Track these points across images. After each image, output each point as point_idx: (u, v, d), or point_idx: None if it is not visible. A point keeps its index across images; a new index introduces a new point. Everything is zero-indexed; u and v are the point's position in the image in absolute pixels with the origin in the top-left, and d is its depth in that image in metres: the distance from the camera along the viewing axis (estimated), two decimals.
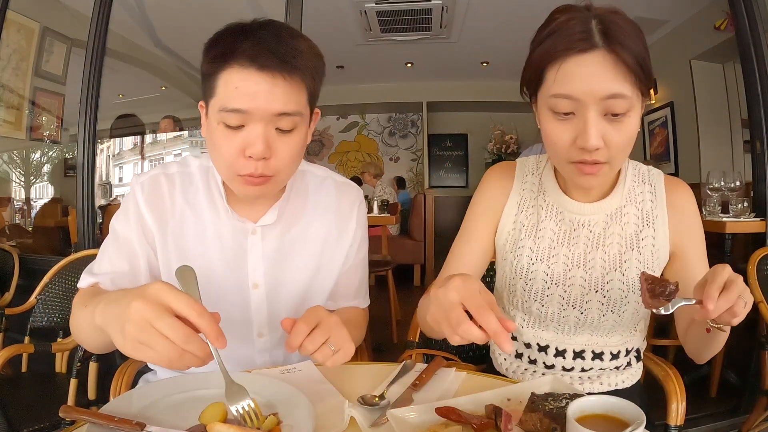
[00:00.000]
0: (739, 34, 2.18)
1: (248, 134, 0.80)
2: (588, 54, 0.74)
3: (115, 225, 0.93)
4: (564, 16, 0.78)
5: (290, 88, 0.80)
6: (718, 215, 2.30)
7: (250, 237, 0.94)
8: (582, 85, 0.75)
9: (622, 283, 0.89)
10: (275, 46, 0.79)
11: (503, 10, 4.29)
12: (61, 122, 3.34)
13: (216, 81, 0.80)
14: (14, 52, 2.98)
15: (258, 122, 0.80)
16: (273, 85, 0.78)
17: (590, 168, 0.80)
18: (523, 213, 0.97)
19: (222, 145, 0.82)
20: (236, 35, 0.80)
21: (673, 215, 0.91)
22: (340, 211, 1.02)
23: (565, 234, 0.93)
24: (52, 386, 1.57)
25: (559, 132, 0.80)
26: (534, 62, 0.81)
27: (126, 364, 1.01)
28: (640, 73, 0.75)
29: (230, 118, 0.79)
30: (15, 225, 3.34)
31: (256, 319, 0.96)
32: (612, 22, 0.75)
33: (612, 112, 0.75)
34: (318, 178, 1.03)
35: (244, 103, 0.78)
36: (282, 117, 0.81)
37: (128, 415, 0.64)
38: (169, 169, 0.95)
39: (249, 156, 0.81)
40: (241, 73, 0.78)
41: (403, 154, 7.82)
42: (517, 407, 0.68)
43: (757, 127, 2.14)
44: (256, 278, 0.95)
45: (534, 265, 0.93)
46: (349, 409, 0.67)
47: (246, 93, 0.78)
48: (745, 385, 2.15)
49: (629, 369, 0.97)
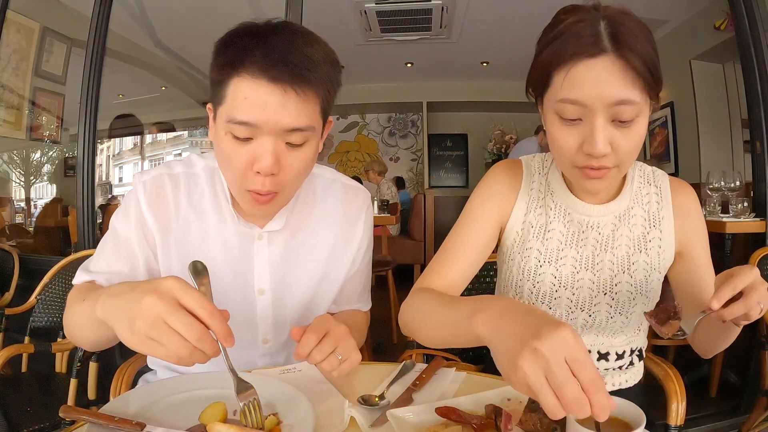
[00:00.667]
0: (739, 34, 2.18)
1: (257, 148, 0.77)
2: (597, 59, 0.72)
3: (115, 223, 0.90)
4: (572, 17, 0.75)
5: (302, 102, 0.76)
6: (718, 215, 2.30)
7: (257, 242, 0.92)
8: (590, 91, 0.73)
9: (631, 285, 0.89)
10: (288, 55, 0.74)
11: (503, 10, 4.29)
12: (61, 122, 3.34)
13: (225, 89, 0.76)
14: (14, 52, 2.98)
15: (267, 136, 0.76)
16: (284, 98, 0.74)
17: (596, 173, 0.78)
18: (531, 213, 0.94)
19: (230, 156, 0.79)
20: (247, 40, 0.75)
21: (678, 216, 0.91)
22: (347, 216, 1.00)
23: (574, 236, 0.92)
24: (52, 386, 1.57)
25: (565, 137, 0.78)
26: (541, 65, 0.79)
27: (126, 364, 1.01)
28: (650, 78, 0.72)
29: (238, 130, 0.76)
30: (15, 225, 3.34)
31: (262, 325, 0.95)
32: (621, 25, 0.72)
33: (620, 119, 0.74)
34: (326, 181, 1.01)
35: (252, 116, 0.74)
36: (293, 132, 0.77)
37: (128, 415, 0.64)
38: (174, 169, 0.92)
39: (257, 171, 0.77)
40: (251, 83, 0.74)
41: (403, 154, 7.82)
42: (517, 407, 0.68)
43: (757, 127, 2.14)
44: (262, 284, 0.93)
45: (542, 267, 0.92)
46: (349, 409, 0.67)
47: (255, 105, 0.74)
48: (745, 385, 2.15)
49: (632, 368, 0.98)
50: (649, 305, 0.90)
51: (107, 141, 4.31)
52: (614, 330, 0.93)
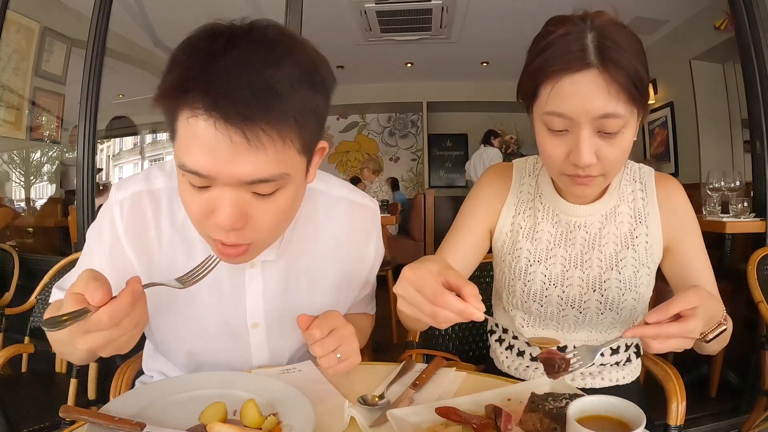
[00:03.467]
0: (739, 34, 2.18)
1: (215, 198, 0.62)
2: (582, 73, 0.73)
3: (90, 243, 0.82)
4: (560, 29, 0.76)
5: (260, 150, 0.59)
6: (718, 215, 2.30)
7: (249, 271, 0.81)
8: (575, 105, 0.74)
9: (619, 281, 0.90)
10: (237, 86, 0.57)
11: (503, 10, 4.29)
12: (61, 122, 3.34)
13: (174, 123, 0.61)
14: (14, 52, 2.98)
15: (225, 187, 0.61)
16: (233, 147, 0.58)
17: (583, 180, 0.81)
18: (520, 215, 0.98)
19: (188, 202, 0.66)
20: (193, 60, 0.59)
21: (664, 210, 0.92)
22: (355, 242, 0.90)
23: (562, 235, 0.94)
24: (52, 386, 1.57)
25: (552, 147, 0.80)
26: (529, 77, 0.80)
27: (126, 365, 1.01)
28: (635, 92, 0.74)
29: (192, 178, 0.62)
30: (15, 225, 3.34)
31: (257, 358, 0.87)
32: (608, 38, 0.73)
33: (605, 131, 0.75)
34: (331, 200, 0.88)
35: (202, 165, 0.59)
36: (257, 183, 0.62)
37: (128, 415, 0.64)
38: (154, 184, 0.79)
39: (216, 224, 0.64)
40: (197, 122, 0.58)
41: (403, 154, 7.83)
42: (517, 407, 0.68)
43: (757, 127, 2.14)
44: (256, 318, 0.83)
45: (532, 266, 0.94)
46: (349, 409, 0.67)
47: (204, 151, 0.58)
48: (745, 385, 2.15)
49: (629, 365, 0.98)
50: (639, 300, 0.91)
51: (107, 141, 4.31)
52: (606, 325, 0.94)
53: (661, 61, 4.55)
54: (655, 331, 0.63)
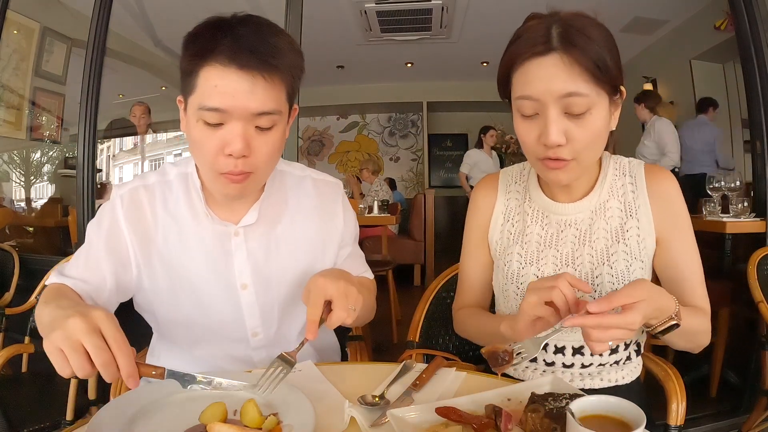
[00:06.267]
0: (739, 34, 2.18)
1: (227, 132, 0.80)
2: (546, 57, 0.78)
3: (90, 234, 0.93)
4: (532, 22, 0.83)
5: (270, 88, 0.80)
6: (718, 215, 2.29)
7: (234, 239, 0.95)
8: (540, 86, 0.79)
9: (612, 276, 0.90)
10: (255, 44, 0.78)
11: (503, 10, 4.29)
12: (61, 122, 3.35)
13: (195, 78, 0.80)
14: (14, 52, 2.98)
15: (237, 121, 0.80)
16: (253, 84, 0.78)
17: (555, 163, 0.83)
18: (509, 222, 1.00)
19: (202, 142, 0.82)
20: (215, 31, 0.79)
21: (655, 202, 0.92)
22: (323, 210, 1.03)
23: (552, 236, 0.95)
24: (52, 386, 1.57)
25: (525, 131, 0.84)
26: (502, 67, 0.86)
27: None
28: (597, 72, 0.77)
29: (209, 116, 0.79)
30: (15, 225, 3.34)
31: (249, 319, 0.97)
32: (571, 26, 0.78)
33: (572, 112, 0.79)
34: (296, 178, 1.04)
35: (223, 102, 0.78)
36: (261, 116, 0.81)
37: (127, 415, 0.65)
38: (148, 180, 0.96)
39: (228, 154, 0.81)
40: (220, 72, 0.78)
41: (403, 154, 7.83)
42: (517, 407, 0.68)
43: (757, 127, 2.14)
44: (244, 279, 0.95)
45: (524, 269, 0.95)
46: (349, 409, 0.67)
47: (225, 92, 0.78)
48: (745, 385, 2.15)
49: (629, 364, 0.98)
50: None
51: (107, 141, 4.31)
52: None
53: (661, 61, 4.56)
54: (595, 321, 0.66)
